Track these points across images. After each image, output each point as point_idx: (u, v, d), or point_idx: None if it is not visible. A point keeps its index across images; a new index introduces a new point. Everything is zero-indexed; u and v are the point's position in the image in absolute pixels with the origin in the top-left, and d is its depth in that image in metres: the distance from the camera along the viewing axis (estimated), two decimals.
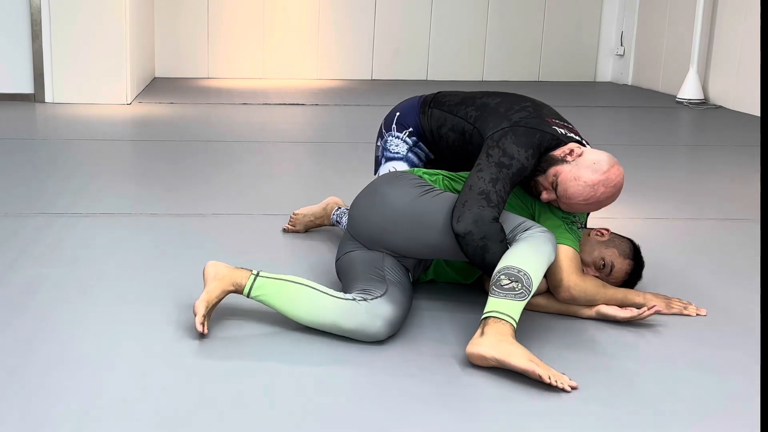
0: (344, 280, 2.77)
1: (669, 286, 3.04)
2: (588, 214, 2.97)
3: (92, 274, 3.09)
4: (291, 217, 3.66)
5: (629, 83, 9.56)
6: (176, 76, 9.12)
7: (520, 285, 2.45)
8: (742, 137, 6.39)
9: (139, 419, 2.10)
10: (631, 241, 2.97)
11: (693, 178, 5.09)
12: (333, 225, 3.56)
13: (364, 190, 2.90)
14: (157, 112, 6.93)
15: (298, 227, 3.62)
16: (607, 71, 9.94)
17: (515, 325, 2.42)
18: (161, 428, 2.07)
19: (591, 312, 2.76)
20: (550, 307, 2.81)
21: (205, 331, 2.53)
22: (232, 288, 2.59)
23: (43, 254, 3.29)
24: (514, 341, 2.38)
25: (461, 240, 2.61)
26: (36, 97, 7.12)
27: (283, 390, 2.27)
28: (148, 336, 2.58)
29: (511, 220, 2.70)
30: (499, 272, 2.50)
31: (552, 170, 2.78)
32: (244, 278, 2.59)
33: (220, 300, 2.60)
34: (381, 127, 3.29)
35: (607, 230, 2.96)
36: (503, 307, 2.43)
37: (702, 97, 8.00)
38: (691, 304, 2.88)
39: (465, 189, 2.69)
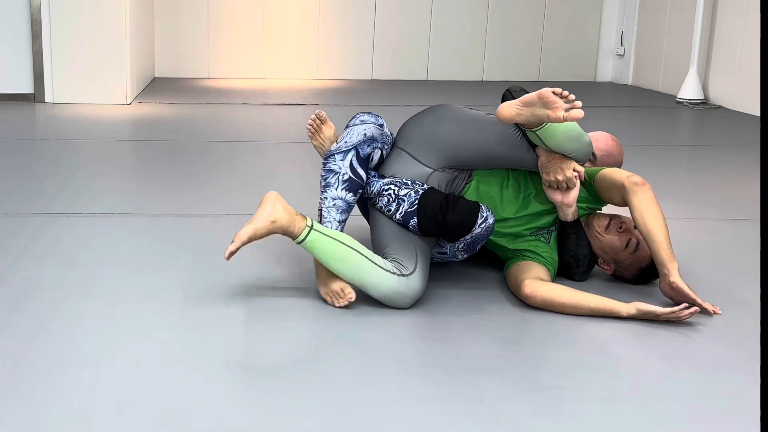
0: (376, 234, 2.90)
1: None
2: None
3: (92, 274, 3.09)
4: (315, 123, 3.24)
5: (629, 83, 9.56)
6: (176, 76, 9.11)
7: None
8: (742, 137, 6.39)
9: (138, 419, 2.10)
10: None
11: (693, 178, 5.09)
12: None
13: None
14: (157, 112, 6.93)
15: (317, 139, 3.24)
16: (607, 71, 9.93)
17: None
18: (161, 428, 2.07)
19: (631, 310, 2.73)
20: (580, 308, 2.76)
21: (231, 259, 2.70)
22: (280, 233, 2.73)
23: (43, 254, 3.29)
24: None
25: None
26: (36, 97, 7.12)
27: (281, 390, 2.28)
28: (148, 336, 2.58)
29: None
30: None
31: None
32: (299, 229, 2.71)
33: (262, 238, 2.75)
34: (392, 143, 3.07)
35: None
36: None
37: (702, 97, 7.99)
38: (710, 304, 2.86)
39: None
